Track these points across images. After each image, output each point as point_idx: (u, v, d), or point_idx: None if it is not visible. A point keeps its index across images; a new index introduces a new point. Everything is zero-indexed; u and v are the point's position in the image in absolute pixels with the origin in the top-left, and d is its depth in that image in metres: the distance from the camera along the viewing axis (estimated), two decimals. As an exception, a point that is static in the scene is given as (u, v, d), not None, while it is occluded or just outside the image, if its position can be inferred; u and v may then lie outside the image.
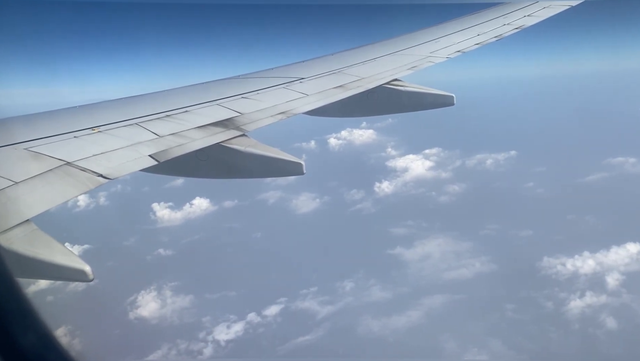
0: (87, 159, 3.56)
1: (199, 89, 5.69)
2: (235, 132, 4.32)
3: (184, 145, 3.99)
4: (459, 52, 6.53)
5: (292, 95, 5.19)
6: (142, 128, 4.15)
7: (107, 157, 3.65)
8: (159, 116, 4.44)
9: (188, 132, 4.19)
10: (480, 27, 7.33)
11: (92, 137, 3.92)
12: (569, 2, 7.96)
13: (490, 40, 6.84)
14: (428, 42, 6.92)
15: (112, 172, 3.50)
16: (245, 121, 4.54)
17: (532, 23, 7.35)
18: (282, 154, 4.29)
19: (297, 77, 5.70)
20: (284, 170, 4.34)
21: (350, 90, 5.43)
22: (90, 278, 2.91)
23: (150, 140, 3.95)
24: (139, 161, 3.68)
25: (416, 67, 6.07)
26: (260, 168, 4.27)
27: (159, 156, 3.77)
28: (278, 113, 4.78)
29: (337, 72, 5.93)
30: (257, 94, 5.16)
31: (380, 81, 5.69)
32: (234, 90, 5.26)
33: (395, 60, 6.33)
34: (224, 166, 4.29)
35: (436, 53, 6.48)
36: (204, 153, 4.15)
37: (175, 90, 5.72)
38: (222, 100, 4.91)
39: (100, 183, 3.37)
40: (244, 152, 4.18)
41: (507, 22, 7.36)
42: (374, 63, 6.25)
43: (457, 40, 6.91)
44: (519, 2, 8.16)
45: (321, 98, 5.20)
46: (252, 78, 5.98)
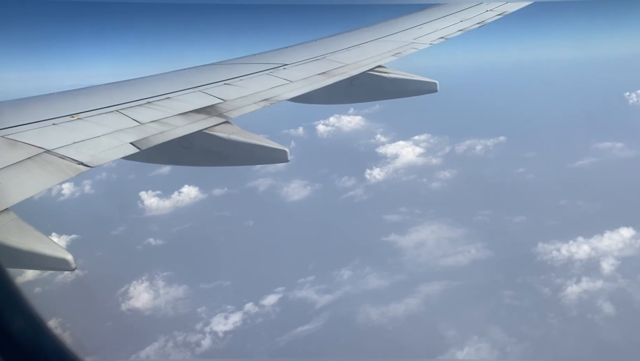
0: (67, 147, 3.45)
1: (181, 75, 5.54)
2: (218, 119, 4.27)
3: (166, 133, 3.91)
4: (442, 38, 6.52)
5: (275, 82, 5.11)
6: (123, 116, 4.04)
7: (88, 145, 3.54)
8: (141, 103, 4.33)
9: (170, 119, 4.12)
10: (463, 13, 7.29)
11: (72, 124, 3.80)
12: None
13: (473, 27, 6.85)
14: (411, 29, 6.85)
15: (92, 159, 3.40)
16: (229, 108, 4.48)
17: (514, 9, 7.38)
18: (266, 141, 4.22)
19: (281, 64, 5.59)
20: (268, 158, 4.25)
21: (334, 77, 5.35)
22: (72, 267, 2.80)
23: (132, 128, 3.85)
24: (120, 149, 3.59)
25: (400, 54, 6.00)
26: (244, 155, 4.18)
27: (141, 144, 3.68)
28: (262, 100, 4.72)
29: (320, 59, 5.83)
30: (240, 81, 5.09)
31: (364, 68, 5.63)
32: (216, 76, 5.18)
33: (379, 47, 6.24)
34: (207, 154, 4.20)
35: (420, 39, 6.43)
36: (187, 141, 4.08)
37: (156, 76, 5.50)
38: (205, 87, 4.83)
39: (81, 171, 3.28)
40: (227, 139, 4.12)
41: (489, 9, 7.37)
42: (357, 49, 6.17)
43: (440, 26, 6.87)
44: None
45: (305, 85, 5.12)
46: (235, 64, 5.81)
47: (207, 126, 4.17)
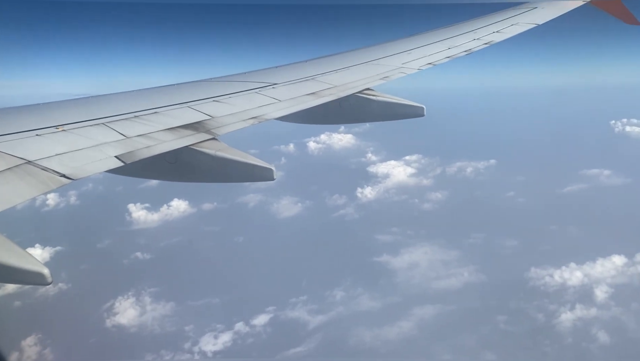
0: (50, 158, 3.43)
1: (170, 90, 5.62)
2: (205, 135, 4.24)
3: (151, 147, 3.89)
4: (430, 64, 6.70)
5: (264, 101, 5.15)
6: (109, 129, 4.04)
7: (71, 157, 3.52)
8: (127, 117, 4.33)
9: (156, 134, 4.10)
10: (451, 40, 7.59)
11: (56, 136, 3.77)
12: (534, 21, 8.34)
13: (460, 54, 7.09)
14: (400, 54, 7.06)
15: (75, 172, 3.36)
16: (216, 125, 4.46)
17: (501, 39, 7.68)
18: (252, 159, 4.19)
19: (270, 83, 5.67)
20: (254, 175, 4.22)
21: (322, 97, 5.44)
22: (48, 281, 2.74)
23: (117, 141, 3.85)
24: (104, 162, 3.58)
25: (388, 78, 6.19)
26: (230, 172, 4.19)
27: (125, 157, 3.68)
28: (250, 118, 4.72)
29: (310, 79, 5.95)
30: (229, 98, 5.12)
31: (352, 90, 5.74)
32: (205, 93, 5.20)
33: (368, 70, 6.43)
34: (193, 170, 4.22)
35: (408, 64, 6.62)
36: (173, 156, 4.07)
37: (145, 90, 5.60)
38: (193, 103, 4.84)
39: (63, 183, 3.24)
40: (213, 155, 4.10)
41: (476, 37, 7.66)
42: (346, 72, 6.32)
43: (428, 52, 7.08)
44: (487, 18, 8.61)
45: (294, 105, 5.15)
46: (224, 82, 5.95)
47: (194, 142, 4.12)
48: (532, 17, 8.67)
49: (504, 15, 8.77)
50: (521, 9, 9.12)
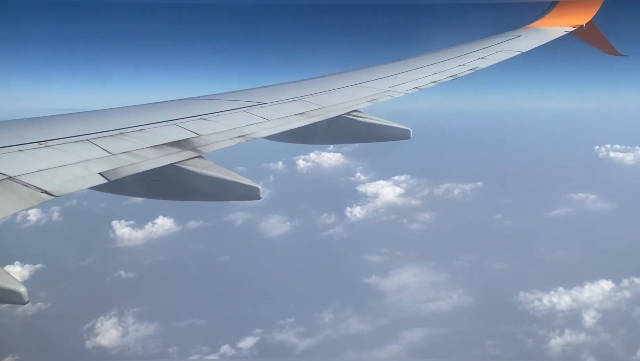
0: (32, 174, 3.38)
1: (157, 108, 5.62)
2: (191, 153, 4.24)
3: (136, 165, 3.88)
4: (416, 88, 6.88)
5: (252, 119, 5.17)
6: (94, 145, 4.02)
7: (54, 173, 3.48)
8: (113, 133, 4.32)
9: (142, 151, 4.09)
10: (437, 66, 7.77)
11: (39, 151, 3.74)
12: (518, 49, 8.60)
13: (446, 79, 7.25)
14: (387, 77, 7.21)
15: (57, 188, 3.32)
16: (203, 143, 4.46)
17: (486, 65, 7.90)
18: (238, 178, 4.16)
19: (258, 102, 5.71)
20: (240, 194, 4.20)
21: (311, 117, 5.49)
22: (25, 300, 2.68)
23: (101, 158, 3.83)
24: (87, 178, 3.55)
25: (375, 100, 6.31)
26: (216, 191, 4.15)
27: (110, 174, 3.66)
28: (237, 136, 4.72)
29: (298, 100, 6.02)
30: (216, 116, 5.10)
31: (340, 111, 5.84)
32: (192, 110, 5.21)
33: (356, 92, 6.55)
34: (178, 187, 4.18)
35: (395, 88, 6.75)
36: (158, 174, 4.04)
37: (131, 107, 5.59)
38: (180, 121, 4.83)
39: (44, 200, 3.19)
40: (199, 173, 4.08)
41: (462, 63, 7.86)
42: (335, 93, 6.42)
43: (414, 77, 7.25)
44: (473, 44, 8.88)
45: (282, 124, 5.20)
46: (212, 100, 5.98)
47: (179, 160, 4.11)
48: (516, 45, 8.89)
49: (488, 43, 9.01)
50: (505, 37, 9.37)
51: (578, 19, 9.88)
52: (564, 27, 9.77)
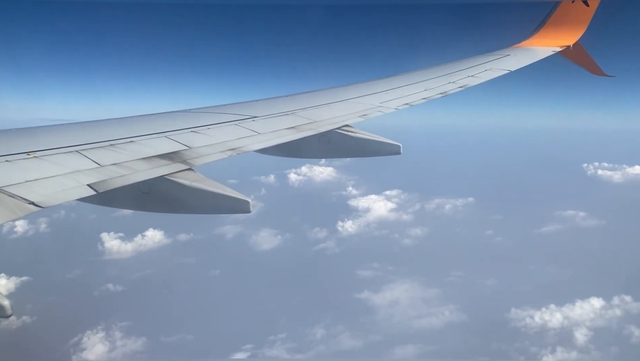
0: (19, 185, 3.38)
1: (148, 120, 5.58)
2: (181, 166, 4.24)
3: (126, 176, 3.87)
4: (407, 104, 7.00)
5: (243, 133, 5.19)
6: (83, 156, 4.02)
7: (41, 184, 3.47)
8: (103, 145, 4.32)
9: (131, 163, 4.09)
10: (427, 82, 7.90)
11: (27, 162, 3.74)
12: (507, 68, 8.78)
13: (436, 96, 7.39)
14: (378, 93, 7.32)
15: (45, 200, 3.30)
16: (193, 155, 4.47)
17: (475, 83, 8.04)
18: (228, 191, 4.16)
19: (250, 115, 5.74)
20: (229, 208, 4.18)
21: (302, 132, 5.52)
22: (8, 313, 2.64)
23: (90, 169, 3.82)
24: (76, 190, 3.53)
25: (366, 115, 6.42)
26: (205, 204, 4.16)
27: (98, 186, 3.64)
28: (228, 149, 4.74)
29: (290, 114, 6.09)
30: (207, 129, 5.12)
31: (331, 126, 5.87)
32: (183, 123, 5.23)
33: (347, 107, 6.64)
34: (168, 200, 4.17)
35: (386, 104, 6.87)
36: (147, 186, 4.03)
37: (122, 119, 5.58)
38: (171, 133, 4.85)
39: (31, 211, 3.16)
40: (189, 186, 4.07)
41: (452, 81, 7.98)
42: (326, 108, 6.52)
43: (405, 93, 7.38)
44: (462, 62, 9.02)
45: (273, 138, 5.23)
46: (204, 113, 6.03)
47: (169, 172, 4.09)
48: (504, 63, 9.06)
49: (478, 61, 9.16)
50: (494, 56, 9.53)
51: (565, 40, 10.07)
52: (551, 47, 9.95)
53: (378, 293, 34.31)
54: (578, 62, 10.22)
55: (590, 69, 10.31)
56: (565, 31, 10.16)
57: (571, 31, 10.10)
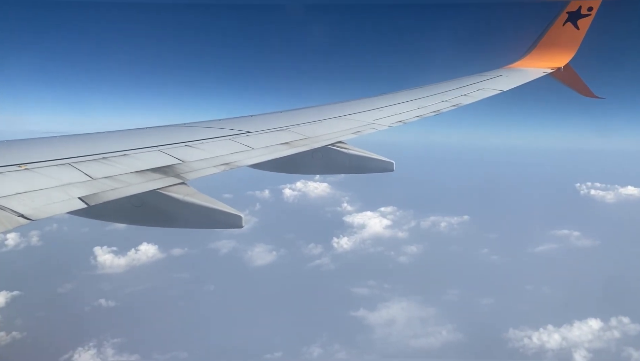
0: (9, 197, 3.35)
1: (141, 133, 5.56)
2: (174, 180, 4.20)
3: (118, 190, 3.82)
4: (400, 122, 7.07)
5: (237, 148, 5.18)
6: (75, 169, 3.97)
7: (32, 197, 3.43)
8: (95, 158, 4.28)
9: (124, 176, 4.04)
10: (420, 101, 7.99)
11: (18, 174, 3.70)
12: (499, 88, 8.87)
13: (429, 114, 7.46)
14: (372, 110, 7.40)
15: (35, 212, 3.26)
16: (186, 169, 4.43)
17: (467, 102, 8.12)
18: (221, 205, 4.11)
19: (244, 131, 5.76)
20: (222, 223, 4.14)
21: (295, 147, 5.54)
22: None
23: (82, 182, 3.77)
24: (67, 203, 3.48)
25: (360, 132, 6.48)
26: (198, 218, 4.12)
27: (90, 199, 3.59)
28: (221, 164, 4.72)
29: (284, 130, 6.11)
30: (201, 143, 5.12)
31: (325, 142, 5.90)
32: (177, 137, 5.22)
33: (341, 124, 6.69)
34: (160, 214, 4.12)
35: (379, 121, 6.95)
36: (139, 200, 4.01)
37: (116, 132, 5.54)
38: (164, 147, 4.83)
39: (20, 223, 3.14)
40: (181, 200, 4.03)
41: (445, 99, 8.07)
42: (320, 124, 6.56)
43: (399, 110, 7.47)
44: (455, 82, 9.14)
45: (267, 153, 5.22)
46: (198, 127, 6.01)
47: (162, 186, 4.03)
48: (497, 84, 9.15)
49: (470, 81, 9.25)
50: (487, 76, 9.64)
51: (556, 61, 10.20)
52: (542, 69, 10.05)
53: (374, 311, 33.97)
54: (568, 84, 10.34)
55: (580, 90, 10.39)
56: (557, 53, 10.28)
57: (562, 53, 10.23)
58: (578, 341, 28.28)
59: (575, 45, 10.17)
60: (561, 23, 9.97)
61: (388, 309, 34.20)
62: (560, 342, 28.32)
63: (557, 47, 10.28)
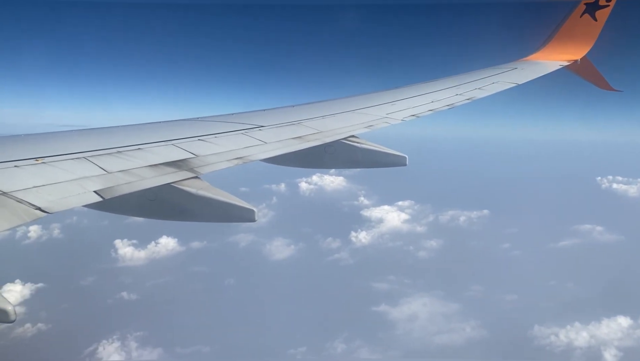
0: (26, 190, 3.38)
1: (155, 127, 5.62)
2: (188, 174, 4.20)
3: (132, 183, 3.85)
4: (413, 116, 7.00)
5: (250, 142, 5.19)
6: (90, 163, 4.01)
7: (49, 190, 3.47)
8: (110, 152, 4.31)
9: (138, 170, 4.07)
10: (433, 94, 7.88)
11: (35, 168, 3.73)
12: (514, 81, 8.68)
13: (443, 108, 7.36)
14: (385, 104, 7.33)
15: (51, 205, 3.30)
16: (200, 163, 4.45)
17: (482, 96, 7.99)
18: (234, 199, 4.13)
19: (257, 125, 5.73)
20: (235, 216, 4.14)
21: (308, 142, 5.52)
22: (11, 319, 2.62)
23: (97, 176, 3.81)
24: (82, 196, 3.52)
25: (372, 127, 6.43)
26: (211, 212, 4.14)
27: (105, 193, 3.63)
28: (235, 158, 4.73)
29: (296, 124, 6.06)
30: (214, 137, 5.14)
31: (338, 136, 5.86)
32: (191, 131, 5.25)
33: (353, 118, 6.65)
34: (174, 208, 4.16)
35: (392, 115, 6.89)
36: (153, 193, 3.99)
37: (130, 126, 5.61)
38: (178, 141, 4.86)
39: (38, 216, 3.17)
40: (195, 194, 4.04)
41: (459, 93, 7.98)
42: (332, 118, 6.50)
43: (412, 104, 7.37)
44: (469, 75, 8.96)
45: (279, 147, 5.21)
46: (211, 121, 6.02)
47: (176, 180, 4.07)
48: (512, 77, 9.00)
49: (485, 74, 9.09)
50: (502, 69, 9.49)
51: (573, 54, 9.95)
52: (559, 61, 9.85)
53: (395, 306, 33.65)
54: (585, 77, 10.05)
55: (597, 83, 10.14)
56: (573, 45, 10.02)
57: (579, 45, 9.96)
58: (607, 340, 27.65)
59: (593, 37, 9.89)
60: (578, 14, 9.70)
61: (410, 305, 33.85)
62: (589, 340, 27.75)
63: (574, 39, 10.02)
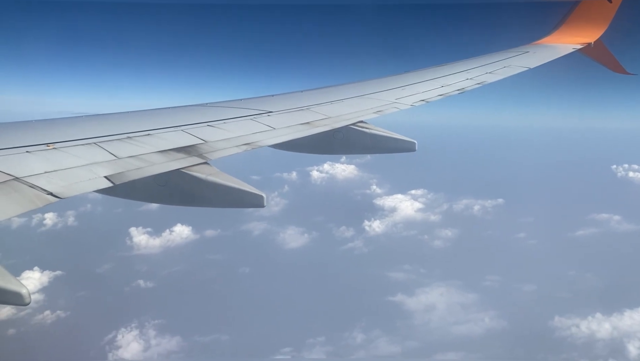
0: (38, 176, 3.44)
1: (165, 113, 5.69)
2: (197, 159, 4.28)
3: (142, 169, 3.92)
4: (423, 101, 6.89)
5: (259, 128, 5.21)
6: (101, 148, 4.08)
7: (60, 175, 3.53)
8: (120, 137, 4.38)
9: (148, 156, 4.14)
10: (444, 79, 7.78)
11: (46, 153, 3.80)
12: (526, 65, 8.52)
13: (453, 93, 7.25)
14: (394, 89, 7.26)
15: (63, 190, 3.36)
16: (209, 149, 4.51)
17: (493, 80, 7.88)
18: (243, 185, 4.19)
19: (265, 110, 5.73)
20: (244, 202, 4.23)
21: (317, 127, 5.54)
22: (26, 301, 2.65)
23: (108, 161, 3.89)
24: (93, 182, 3.59)
25: (381, 112, 6.39)
26: (221, 197, 4.21)
27: (115, 178, 3.69)
28: (243, 144, 4.77)
29: (304, 109, 6.07)
30: (223, 123, 5.19)
31: (346, 121, 5.87)
32: (200, 117, 5.28)
33: (362, 103, 6.62)
34: (183, 193, 4.25)
35: (401, 100, 6.81)
36: (163, 179, 4.09)
37: (139, 112, 5.67)
38: (187, 127, 4.90)
39: (49, 201, 3.22)
40: (204, 180, 4.11)
41: (469, 77, 7.87)
42: (341, 104, 6.51)
43: (421, 89, 7.28)
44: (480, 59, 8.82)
45: (288, 133, 5.26)
46: (220, 107, 6.05)
47: (185, 165, 4.15)
48: (523, 60, 8.88)
49: (496, 58, 8.96)
50: (513, 52, 9.35)
51: (586, 37, 9.75)
52: (572, 44, 9.64)
53: (412, 296, 33.45)
54: (599, 60, 9.88)
55: (611, 66, 9.95)
56: (587, 28, 9.84)
57: (593, 28, 9.78)
58: (630, 332, 27.30)
59: (607, 20, 9.68)
60: None
61: (427, 294, 33.64)
62: (611, 332, 27.42)
63: (587, 21, 9.82)
